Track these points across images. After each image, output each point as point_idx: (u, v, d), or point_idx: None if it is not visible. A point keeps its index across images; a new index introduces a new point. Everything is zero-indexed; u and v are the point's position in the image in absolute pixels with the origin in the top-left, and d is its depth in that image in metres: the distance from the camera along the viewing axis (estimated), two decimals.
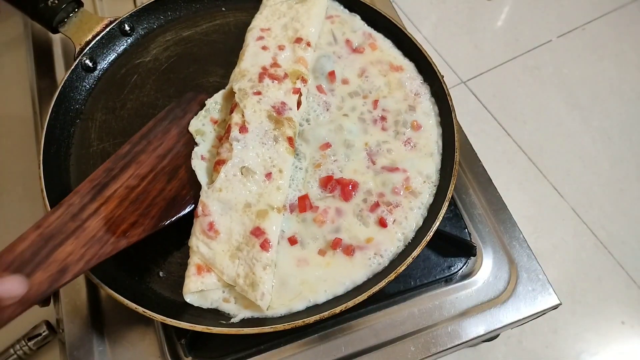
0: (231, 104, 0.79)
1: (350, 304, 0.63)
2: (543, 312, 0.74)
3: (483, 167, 0.85)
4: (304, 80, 0.81)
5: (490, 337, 0.79)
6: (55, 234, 0.61)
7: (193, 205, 0.71)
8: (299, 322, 0.63)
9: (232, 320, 0.65)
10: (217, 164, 0.72)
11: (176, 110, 0.79)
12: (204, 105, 0.80)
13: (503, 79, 1.72)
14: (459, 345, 0.71)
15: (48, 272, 0.58)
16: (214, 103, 0.81)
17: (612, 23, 1.84)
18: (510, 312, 0.73)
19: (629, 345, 1.26)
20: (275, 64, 0.81)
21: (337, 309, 0.63)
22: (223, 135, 0.76)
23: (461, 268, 0.76)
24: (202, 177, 0.72)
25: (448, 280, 0.76)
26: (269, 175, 0.72)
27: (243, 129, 0.74)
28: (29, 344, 0.76)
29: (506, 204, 0.81)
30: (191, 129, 0.77)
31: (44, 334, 0.78)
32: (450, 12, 1.88)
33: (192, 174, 0.72)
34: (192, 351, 0.69)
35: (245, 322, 0.66)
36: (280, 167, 0.73)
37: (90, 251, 0.62)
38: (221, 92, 0.82)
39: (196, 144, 0.76)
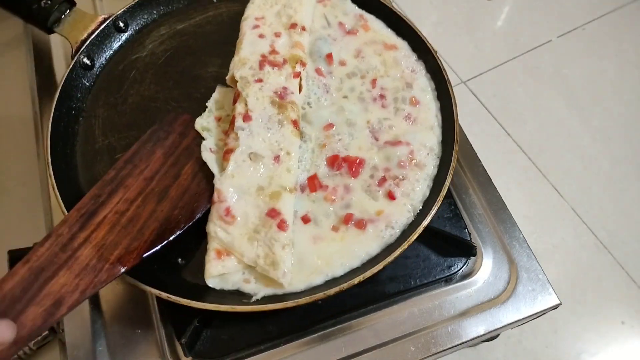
0: (233, 96, 0.80)
1: (368, 273, 0.65)
2: (543, 312, 0.74)
3: (483, 167, 0.85)
4: (303, 64, 0.82)
5: (490, 337, 0.79)
6: (46, 267, 0.58)
7: (185, 227, 0.70)
8: (320, 295, 0.64)
9: (254, 298, 0.66)
10: (225, 153, 0.74)
11: (159, 132, 0.78)
12: (206, 107, 0.81)
13: (503, 79, 1.72)
14: (459, 345, 0.71)
15: (42, 307, 0.55)
16: (214, 102, 0.82)
17: (612, 23, 1.84)
18: (510, 312, 0.73)
19: (629, 345, 1.26)
20: (273, 51, 0.83)
21: (356, 280, 0.65)
22: (228, 128, 0.77)
23: (461, 268, 0.76)
24: (213, 167, 0.74)
25: (448, 280, 0.76)
26: (277, 158, 0.74)
27: (246, 117, 0.75)
28: (29, 344, 0.76)
29: (506, 204, 0.81)
30: (197, 126, 0.78)
31: (44, 334, 0.78)
32: (450, 12, 1.88)
33: (183, 192, 0.72)
34: (192, 351, 0.69)
35: (266, 300, 0.67)
36: (287, 150, 0.74)
37: (85, 281, 0.59)
38: (218, 89, 0.83)
39: (203, 139, 0.77)
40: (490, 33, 1.83)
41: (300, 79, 0.81)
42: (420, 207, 0.73)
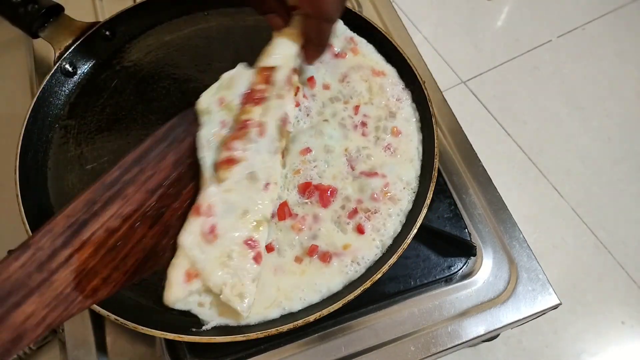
0: (250, 80, 0.72)
1: (325, 312, 0.62)
2: (543, 312, 0.74)
3: (483, 167, 0.85)
4: (304, 95, 0.80)
5: (490, 337, 0.79)
6: (16, 289, 0.48)
7: (167, 262, 0.63)
8: (273, 331, 0.62)
9: (205, 327, 0.64)
10: (227, 162, 0.67)
11: (177, 130, 0.67)
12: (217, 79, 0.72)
13: (503, 79, 1.72)
14: (459, 345, 0.71)
15: None
16: (229, 78, 0.72)
17: (612, 23, 1.85)
18: (510, 312, 0.73)
19: (629, 345, 1.26)
20: (295, 70, 0.78)
21: (311, 317, 0.62)
22: (238, 129, 0.69)
23: (461, 268, 0.76)
24: (208, 170, 0.66)
25: (448, 280, 0.76)
26: (267, 185, 0.70)
27: (262, 131, 0.70)
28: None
29: (506, 204, 0.82)
30: (201, 105, 0.68)
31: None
32: (450, 12, 1.88)
33: (177, 218, 0.65)
34: (192, 351, 0.69)
35: (217, 330, 0.65)
36: (275, 179, 0.71)
37: (54, 313, 0.50)
38: (239, 67, 0.72)
39: (199, 126, 0.67)
40: (490, 33, 1.84)
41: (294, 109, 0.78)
42: (390, 243, 0.70)
